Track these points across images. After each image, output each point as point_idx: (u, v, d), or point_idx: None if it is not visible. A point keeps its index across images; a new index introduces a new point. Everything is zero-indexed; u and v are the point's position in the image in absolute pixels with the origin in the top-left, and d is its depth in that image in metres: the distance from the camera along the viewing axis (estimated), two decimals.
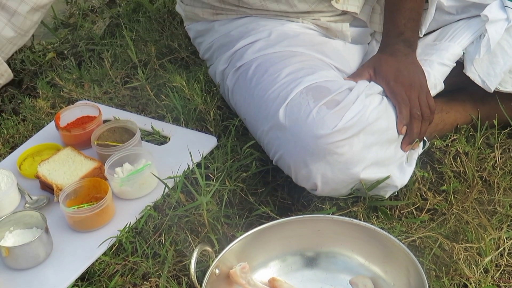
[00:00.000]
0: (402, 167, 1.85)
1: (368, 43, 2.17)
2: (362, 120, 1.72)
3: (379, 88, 1.86)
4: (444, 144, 2.03)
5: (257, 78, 1.91)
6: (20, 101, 2.60)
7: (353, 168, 1.74)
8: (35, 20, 1.85)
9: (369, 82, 1.88)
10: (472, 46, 2.01)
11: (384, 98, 1.85)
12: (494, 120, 2.03)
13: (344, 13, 2.09)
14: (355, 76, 1.93)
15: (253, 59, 1.97)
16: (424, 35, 2.09)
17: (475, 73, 1.99)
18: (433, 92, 1.94)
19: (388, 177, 1.79)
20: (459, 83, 2.05)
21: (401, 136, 1.84)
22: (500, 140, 2.04)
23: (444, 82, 1.99)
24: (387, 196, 1.85)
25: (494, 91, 2.00)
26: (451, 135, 2.05)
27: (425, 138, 1.95)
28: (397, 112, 1.84)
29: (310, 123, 1.72)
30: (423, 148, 1.95)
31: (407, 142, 1.85)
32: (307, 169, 1.75)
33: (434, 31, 2.13)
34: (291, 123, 1.75)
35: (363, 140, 1.73)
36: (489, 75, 1.99)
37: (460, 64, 2.02)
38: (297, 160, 1.75)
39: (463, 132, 2.06)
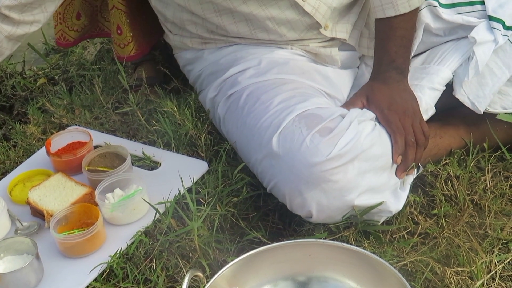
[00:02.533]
0: (397, 193, 1.85)
1: (358, 67, 2.18)
2: (356, 147, 1.72)
3: (371, 115, 1.87)
4: (436, 168, 2.03)
5: (249, 106, 1.91)
6: (10, 127, 2.60)
7: (348, 195, 1.74)
8: (10, 48, 1.96)
9: (362, 109, 1.89)
10: (461, 68, 2.02)
11: (377, 124, 1.85)
12: (484, 144, 2.04)
13: (333, 39, 2.10)
14: (348, 105, 1.93)
15: (244, 87, 1.97)
16: (412, 57, 2.10)
17: (464, 95, 2.00)
18: (424, 117, 1.94)
19: (381, 203, 1.79)
20: (449, 105, 2.06)
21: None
22: (491, 163, 2.05)
23: (435, 105, 2.00)
24: (381, 221, 1.85)
25: (484, 112, 2.01)
26: (444, 159, 2.06)
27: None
28: (392, 141, 1.84)
29: (304, 151, 1.72)
30: (417, 173, 1.95)
31: (402, 170, 1.85)
32: (301, 197, 1.75)
33: (422, 53, 2.14)
34: (284, 152, 1.75)
35: (357, 167, 1.73)
36: (478, 96, 1.99)
37: (449, 86, 2.03)
38: (291, 189, 1.75)
39: (456, 156, 2.06)
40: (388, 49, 1.95)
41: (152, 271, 1.79)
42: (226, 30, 2.05)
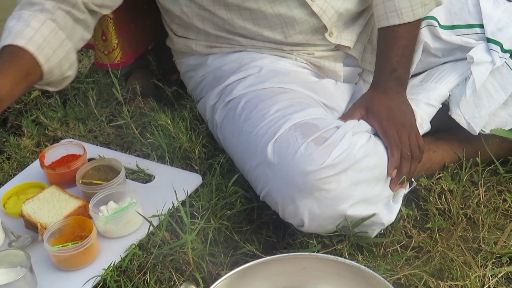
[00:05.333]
0: (389, 205, 1.86)
1: (356, 83, 2.18)
2: (349, 157, 1.73)
3: (367, 126, 1.87)
4: (430, 182, 2.03)
5: (246, 113, 1.92)
6: (4, 139, 2.60)
7: (341, 204, 1.74)
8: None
9: (358, 121, 1.89)
10: (457, 88, 2.03)
11: (372, 136, 1.85)
12: (477, 158, 2.04)
13: (337, 48, 2.11)
14: (346, 116, 1.94)
15: (243, 94, 1.97)
16: (411, 76, 2.11)
17: (460, 115, 2.00)
18: (420, 132, 1.94)
19: (374, 214, 1.79)
20: (444, 125, 2.06)
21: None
22: (484, 177, 2.05)
23: (430, 123, 2.01)
24: (373, 235, 1.85)
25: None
26: (437, 173, 2.06)
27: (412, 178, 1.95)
28: (388, 155, 1.84)
29: (298, 159, 1.72)
30: (410, 187, 1.96)
31: (396, 182, 1.85)
32: (294, 205, 1.75)
33: (420, 73, 2.15)
34: (279, 159, 1.75)
35: (351, 177, 1.73)
36: (474, 117, 2.00)
37: (445, 106, 2.03)
38: (284, 196, 1.75)
39: (449, 170, 2.07)
40: (390, 57, 1.96)
41: (146, 284, 1.78)
42: (233, 24, 2.04)
